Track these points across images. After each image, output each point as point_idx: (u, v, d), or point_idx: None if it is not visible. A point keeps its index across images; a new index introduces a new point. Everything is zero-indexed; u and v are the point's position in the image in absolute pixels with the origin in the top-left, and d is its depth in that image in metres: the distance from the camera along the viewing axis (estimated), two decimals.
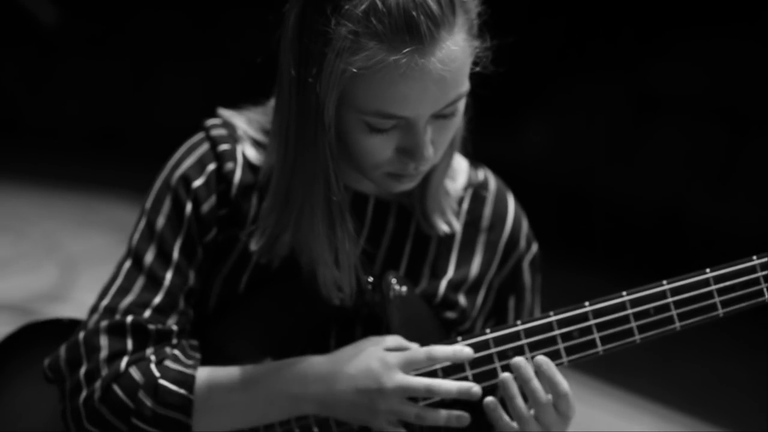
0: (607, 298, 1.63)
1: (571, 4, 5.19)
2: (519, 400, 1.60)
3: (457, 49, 1.59)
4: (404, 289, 1.72)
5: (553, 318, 1.63)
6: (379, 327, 1.72)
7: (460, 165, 1.84)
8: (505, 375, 1.61)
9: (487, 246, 1.82)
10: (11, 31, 6.62)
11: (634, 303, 1.62)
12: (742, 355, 3.96)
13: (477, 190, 1.83)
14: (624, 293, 1.63)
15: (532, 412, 1.61)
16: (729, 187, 4.72)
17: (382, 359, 1.62)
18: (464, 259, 1.79)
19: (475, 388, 1.61)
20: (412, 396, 1.61)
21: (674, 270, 4.29)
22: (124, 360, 1.66)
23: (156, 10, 6.36)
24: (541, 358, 1.61)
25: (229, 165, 1.71)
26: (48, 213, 5.58)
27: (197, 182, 1.70)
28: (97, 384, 1.64)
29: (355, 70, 1.54)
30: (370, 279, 1.72)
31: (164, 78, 6.44)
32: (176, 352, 1.68)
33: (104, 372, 1.65)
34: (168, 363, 1.67)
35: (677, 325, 1.63)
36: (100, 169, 6.07)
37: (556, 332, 1.63)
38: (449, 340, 1.67)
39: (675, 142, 4.90)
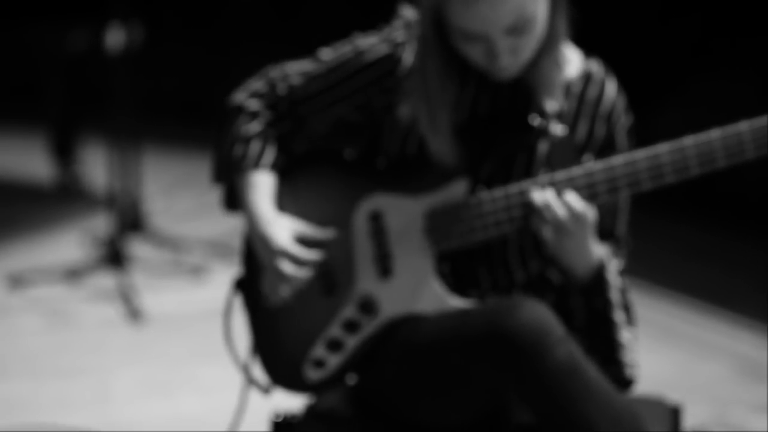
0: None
1: (703, 6, 5.61)
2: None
3: None
4: (563, 129, 2.19)
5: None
6: (535, 158, 2.19)
7: (573, 56, 2.23)
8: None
9: (590, 118, 2.22)
10: (198, 18, 7.30)
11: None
12: None
13: (587, 75, 2.23)
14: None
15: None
16: None
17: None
18: (572, 127, 2.21)
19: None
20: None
21: None
22: (257, 103, 2.27)
23: None
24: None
25: (401, 52, 2.22)
26: None
27: (379, 52, 2.23)
28: (236, 100, 2.28)
29: (436, 2, 2.09)
30: (537, 121, 2.16)
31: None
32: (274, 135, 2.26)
33: (244, 101, 2.27)
34: (270, 133, 2.25)
35: None
36: None
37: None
38: (585, 165, 2.12)
39: None
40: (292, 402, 2.37)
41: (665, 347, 3.94)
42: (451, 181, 2.19)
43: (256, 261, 2.29)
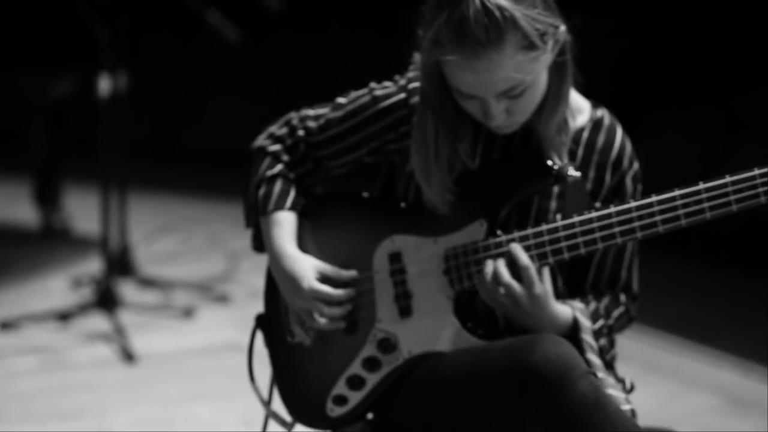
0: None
1: (667, 52, 5.74)
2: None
3: (505, 60, 2.07)
4: (579, 174, 2.26)
5: (702, 186, 2.12)
6: (549, 201, 2.26)
7: (582, 106, 2.31)
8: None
9: (598, 165, 2.29)
10: (170, 69, 7.35)
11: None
12: None
13: (595, 124, 2.30)
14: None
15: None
16: None
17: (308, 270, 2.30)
18: (582, 174, 2.27)
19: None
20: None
21: (757, 264, 4.89)
22: (278, 147, 2.36)
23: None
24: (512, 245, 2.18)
25: (415, 98, 2.29)
26: (213, 217, 6.25)
27: (394, 99, 2.31)
28: (257, 144, 2.39)
29: (435, 61, 2.15)
30: (551, 163, 2.21)
31: None
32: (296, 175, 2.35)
33: (267, 145, 2.37)
34: (291, 175, 2.34)
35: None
36: None
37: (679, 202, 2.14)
38: (598, 208, 2.16)
39: (759, 159, 5.32)
40: None
41: (649, 380, 4.03)
42: (470, 223, 2.27)
43: (277, 298, 2.37)
